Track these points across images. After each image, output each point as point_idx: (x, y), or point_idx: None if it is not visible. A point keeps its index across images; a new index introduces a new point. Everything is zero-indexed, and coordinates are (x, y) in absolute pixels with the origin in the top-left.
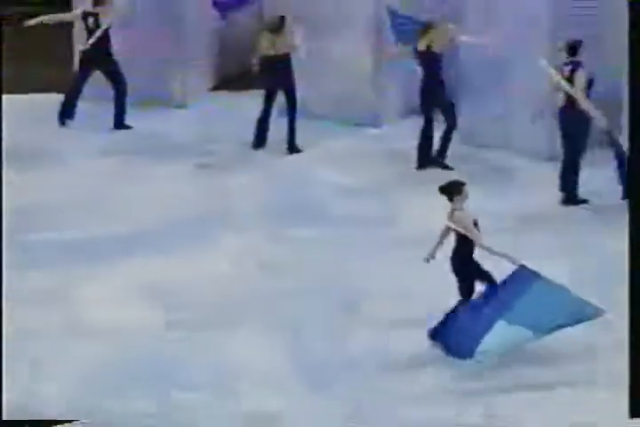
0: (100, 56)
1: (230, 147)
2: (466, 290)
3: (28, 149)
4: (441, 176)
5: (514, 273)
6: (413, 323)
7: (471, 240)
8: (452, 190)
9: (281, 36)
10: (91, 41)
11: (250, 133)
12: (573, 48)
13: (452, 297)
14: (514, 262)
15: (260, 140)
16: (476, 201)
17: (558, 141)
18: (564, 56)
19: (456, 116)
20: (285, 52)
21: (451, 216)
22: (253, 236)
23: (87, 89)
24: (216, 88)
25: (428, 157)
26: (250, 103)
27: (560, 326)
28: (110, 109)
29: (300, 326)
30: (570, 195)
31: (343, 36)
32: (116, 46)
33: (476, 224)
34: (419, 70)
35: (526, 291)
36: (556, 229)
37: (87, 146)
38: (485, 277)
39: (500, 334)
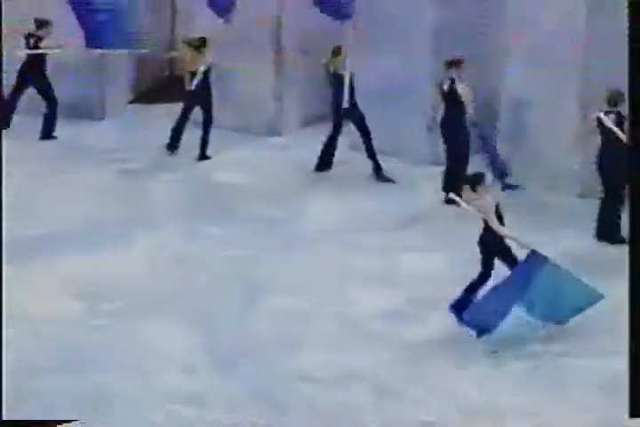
0: (36, 76)
1: (147, 154)
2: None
3: None
4: (337, 180)
5: (526, 258)
6: (312, 313)
7: (492, 231)
8: (476, 181)
9: (202, 54)
10: (21, 53)
11: (164, 142)
12: (454, 64)
13: (347, 289)
14: (526, 247)
15: (173, 145)
16: (365, 202)
17: (441, 147)
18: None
19: (368, 129)
20: (205, 69)
21: (472, 204)
22: (168, 234)
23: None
24: (134, 101)
25: (327, 161)
26: (164, 115)
27: (570, 315)
28: (39, 122)
29: (211, 315)
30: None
31: (246, 51)
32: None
33: (497, 208)
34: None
35: (538, 274)
36: (439, 226)
37: (18, 154)
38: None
39: (514, 322)
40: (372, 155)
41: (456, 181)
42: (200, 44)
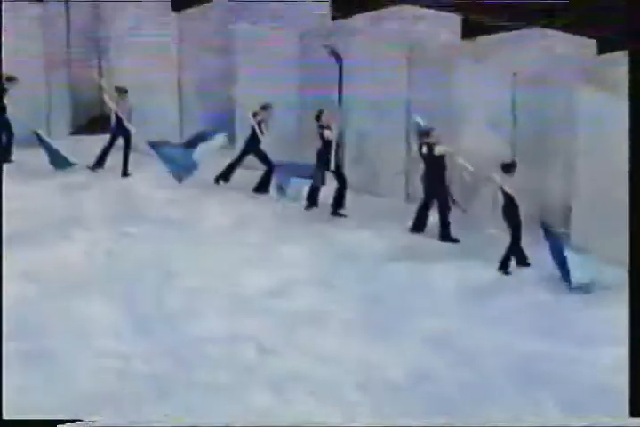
0: (3, 118)
1: (83, 172)
2: (518, 235)
3: None
4: (230, 191)
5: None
6: (210, 291)
7: (514, 202)
8: (510, 167)
9: (122, 99)
10: None
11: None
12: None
13: (237, 273)
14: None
15: (97, 164)
16: (250, 207)
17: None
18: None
19: (270, 162)
20: (124, 112)
21: (504, 185)
22: (100, 232)
23: None
24: (74, 133)
25: (227, 175)
26: (97, 143)
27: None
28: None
29: (133, 293)
30: (312, 202)
31: (156, 95)
32: None
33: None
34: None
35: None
36: (305, 225)
37: None
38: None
39: (577, 265)
40: (267, 178)
41: (317, 192)
42: (123, 92)
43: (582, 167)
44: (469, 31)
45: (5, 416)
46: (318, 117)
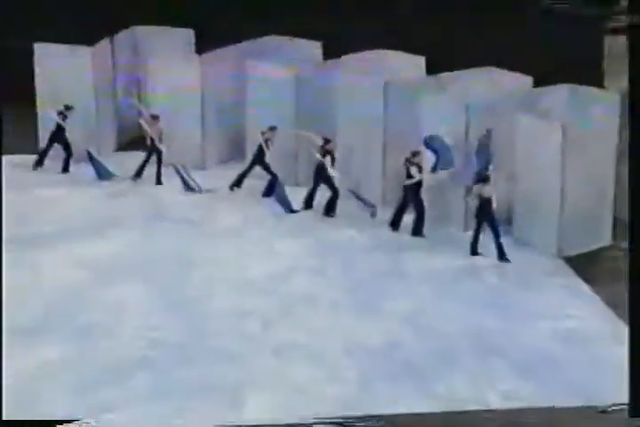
0: (61, 137)
1: (124, 182)
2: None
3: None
4: (238, 196)
5: None
6: (222, 277)
7: (491, 203)
8: (486, 178)
9: (155, 123)
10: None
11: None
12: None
13: (243, 261)
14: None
15: (136, 175)
16: (254, 209)
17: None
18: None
19: (274, 172)
20: (156, 134)
21: (482, 188)
22: (132, 230)
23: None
24: (118, 150)
25: (239, 182)
26: (136, 158)
27: None
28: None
29: (161, 279)
30: (308, 205)
31: (182, 119)
32: None
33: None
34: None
35: None
36: (299, 222)
37: (48, 180)
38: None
39: None
40: (271, 185)
41: (313, 196)
42: (156, 118)
43: (522, 177)
44: (432, 69)
45: (5, 417)
46: (326, 142)
